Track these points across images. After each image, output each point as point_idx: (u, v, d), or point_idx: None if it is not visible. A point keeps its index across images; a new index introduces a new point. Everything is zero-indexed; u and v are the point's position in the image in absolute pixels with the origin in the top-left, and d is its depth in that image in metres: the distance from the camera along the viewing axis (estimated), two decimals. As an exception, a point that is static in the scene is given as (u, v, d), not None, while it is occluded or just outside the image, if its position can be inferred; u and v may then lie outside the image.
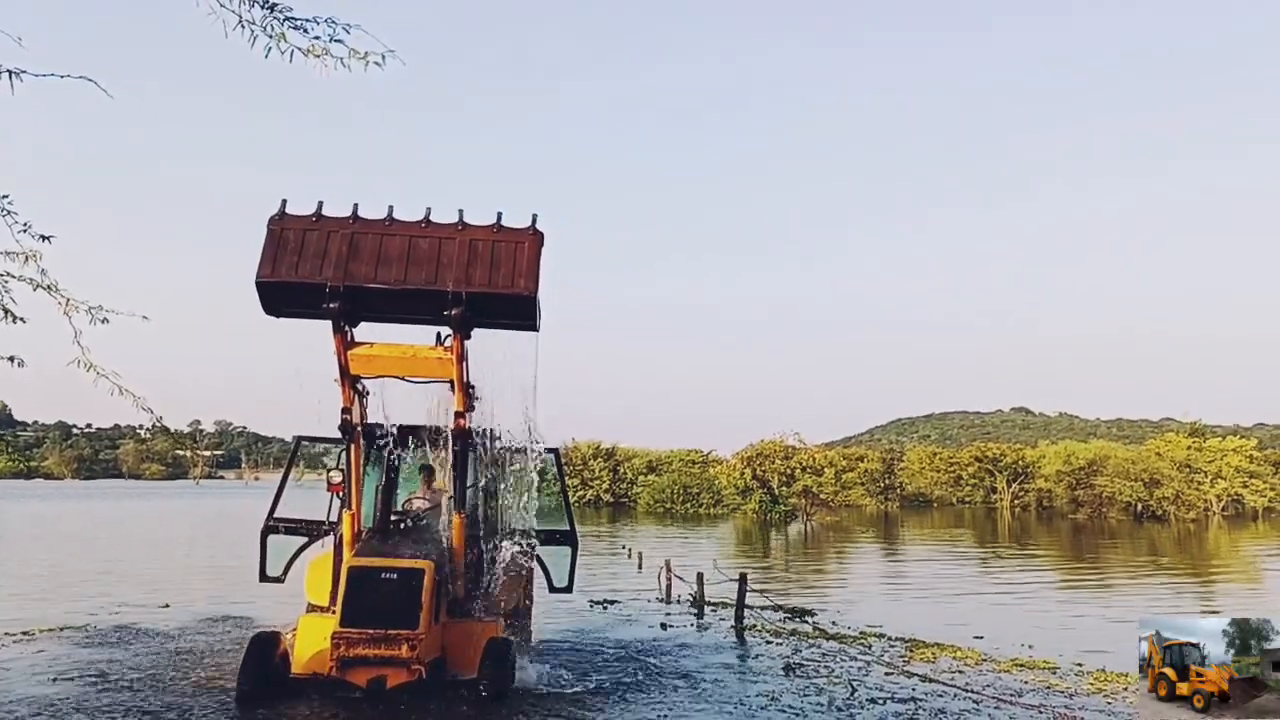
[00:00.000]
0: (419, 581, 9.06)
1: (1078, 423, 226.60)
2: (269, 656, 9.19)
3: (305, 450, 12.67)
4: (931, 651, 12.97)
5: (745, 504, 59.84)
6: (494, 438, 11.36)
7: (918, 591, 21.83)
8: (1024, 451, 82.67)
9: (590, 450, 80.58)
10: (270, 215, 8.53)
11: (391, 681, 8.84)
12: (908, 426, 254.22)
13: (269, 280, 8.34)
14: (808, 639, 13.83)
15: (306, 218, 8.53)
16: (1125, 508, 64.00)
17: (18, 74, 5.20)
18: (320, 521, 10.93)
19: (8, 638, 12.96)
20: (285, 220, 8.51)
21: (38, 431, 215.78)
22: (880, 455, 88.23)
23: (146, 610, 16.04)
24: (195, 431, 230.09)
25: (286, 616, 10.80)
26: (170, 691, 9.68)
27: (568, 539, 11.82)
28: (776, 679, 10.94)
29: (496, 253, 8.56)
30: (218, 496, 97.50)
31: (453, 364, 9.17)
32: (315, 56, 4.74)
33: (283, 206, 8.58)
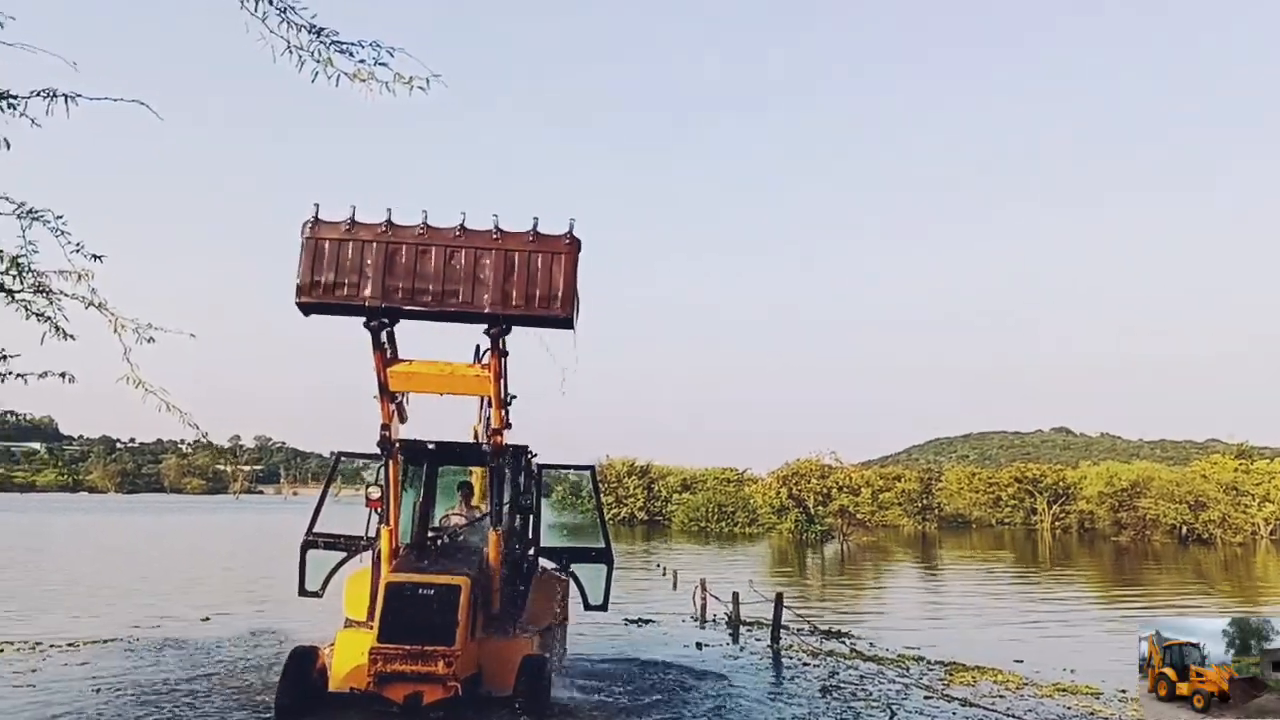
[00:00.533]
0: (456, 598, 9.10)
1: (1120, 443, 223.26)
2: (307, 671, 9.26)
3: (344, 466, 12.80)
4: (971, 675, 12.80)
5: (781, 523, 59.44)
6: (530, 454, 11.42)
7: (956, 613, 21.55)
8: (1065, 472, 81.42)
9: (625, 468, 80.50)
10: (304, 222, 8.44)
11: (428, 698, 8.87)
12: (946, 446, 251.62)
13: (308, 303, 8.38)
14: (845, 660, 13.70)
15: (340, 225, 8.41)
16: (1170, 530, 62.80)
17: (73, 98, 5.34)
18: (359, 537, 11.00)
19: (53, 649, 13.20)
20: (319, 229, 8.40)
21: (83, 445, 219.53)
22: (918, 475, 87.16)
23: (187, 623, 16.25)
24: (235, 447, 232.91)
25: (325, 631, 10.88)
26: (209, 704, 9.79)
27: (603, 556, 11.80)
28: (813, 701, 10.85)
29: (533, 265, 8.43)
30: (257, 511, 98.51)
31: (490, 381, 9.22)
32: (361, 80, 4.82)
33: (315, 213, 8.45)
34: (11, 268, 5.74)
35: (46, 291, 5.88)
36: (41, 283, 5.86)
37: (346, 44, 4.87)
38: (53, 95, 5.35)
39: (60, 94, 5.35)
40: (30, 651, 13.03)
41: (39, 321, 5.92)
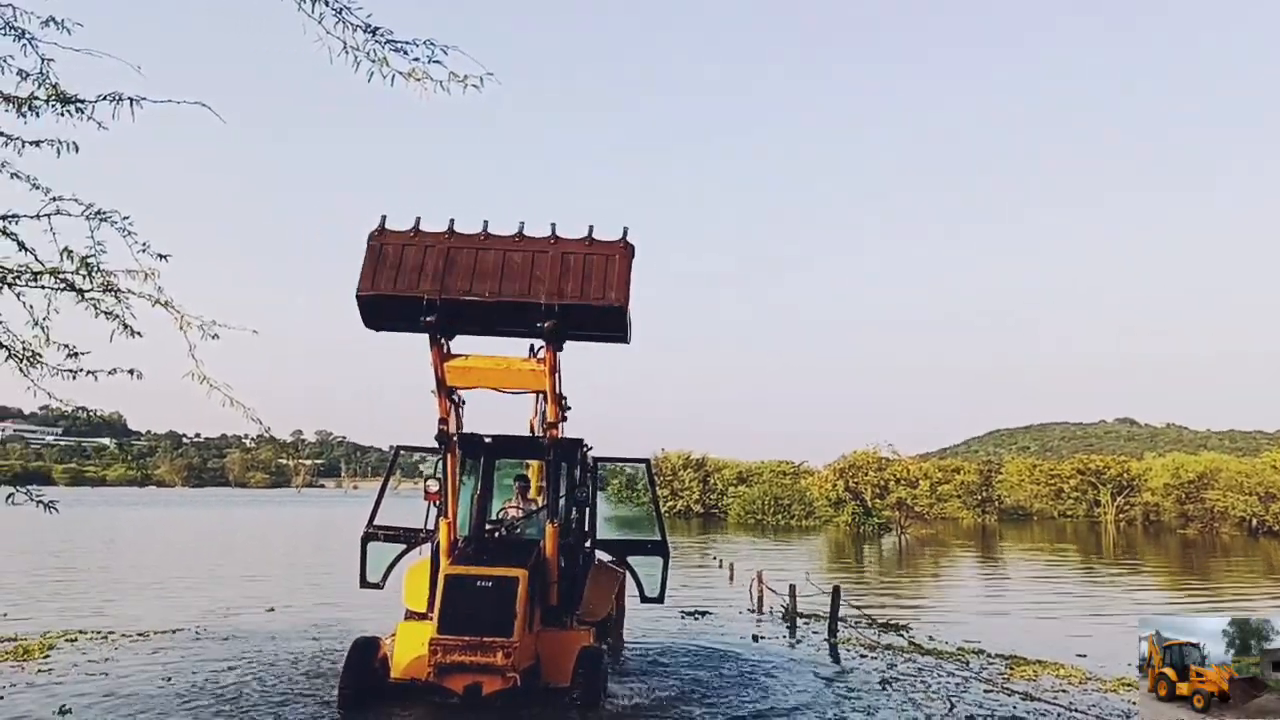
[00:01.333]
0: (514, 590, 9.21)
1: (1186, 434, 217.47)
2: (369, 661, 9.43)
3: (403, 459, 12.99)
4: (1033, 669, 12.60)
5: (838, 516, 59.02)
6: (586, 448, 11.49)
7: (1017, 607, 21.22)
8: (1129, 463, 79.60)
9: (680, 461, 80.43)
10: (370, 231, 8.80)
11: (487, 689, 8.97)
12: (1006, 438, 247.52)
13: (368, 294, 8.60)
14: (903, 654, 13.58)
15: (405, 233, 8.77)
16: (1239, 523, 61.13)
17: (138, 101, 5.47)
18: (418, 529, 11.17)
19: (124, 639, 13.57)
20: (385, 236, 8.77)
21: (150, 441, 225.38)
22: (977, 467, 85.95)
23: (253, 614, 16.61)
24: (297, 441, 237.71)
25: (386, 622, 11.05)
26: (274, 693, 10.02)
27: (659, 549, 11.86)
28: (873, 694, 10.77)
29: (588, 265, 8.68)
30: (319, 505, 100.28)
31: (545, 375, 9.30)
32: (415, 80, 4.86)
33: (382, 222, 8.83)
34: (81, 267, 5.91)
35: (115, 290, 6.04)
36: (110, 281, 6.01)
37: (401, 43, 4.92)
38: (119, 99, 5.49)
39: (126, 97, 5.49)
40: (103, 640, 13.42)
41: (108, 320, 6.08)
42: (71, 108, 5.59)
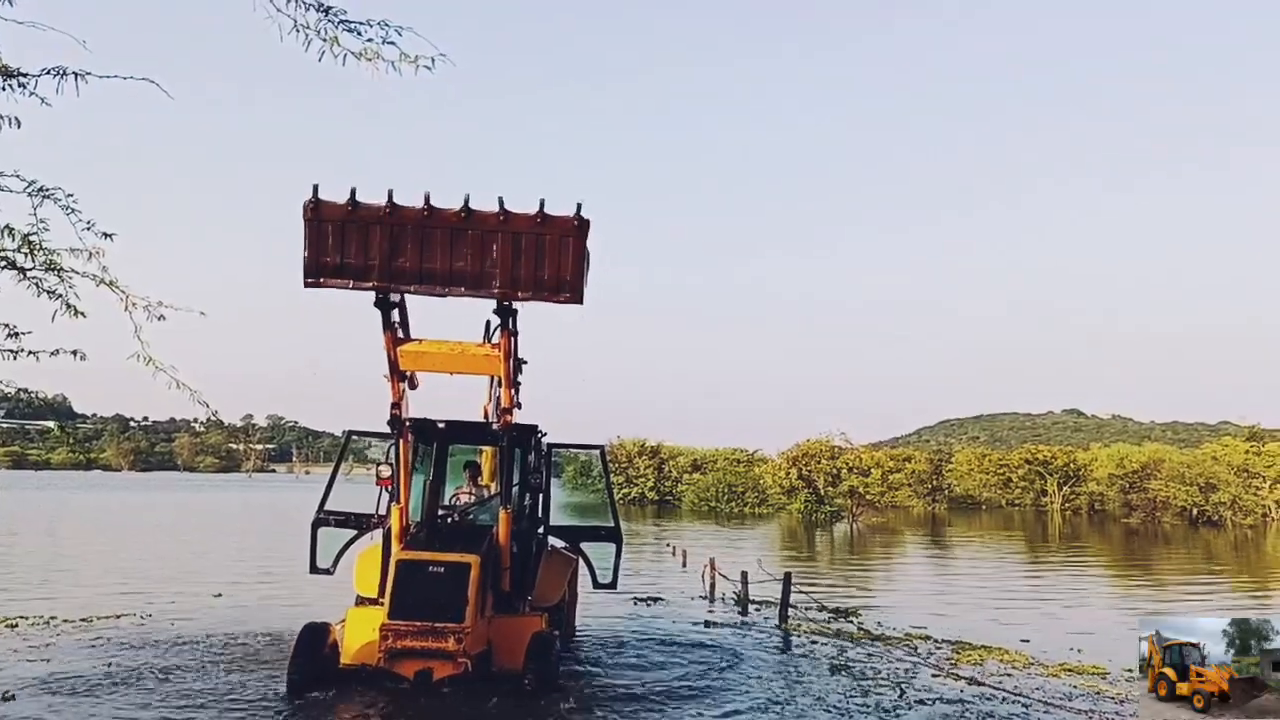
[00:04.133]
0: (466, 575, 9.18)
1: (1131, 425, 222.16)
2: (318, 647, 9.36)
3: (355, 445, 12.87)
4: (978, 654, 12.82)
5: (790, 504, 59.54)
6: (540, 434, 11.47)
7: (964, 594, 21.56)
8: (1076, 454, 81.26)
9: (635, 448, 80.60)
10: (304, 202, 8.04)
11: (438, 674, 8.95)
12: (956, 427, 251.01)
13: (314, 285, 8.18)
14: (853, 640, 13.75)
15: (342, 206, 8.02)
16: (1180, 512, 62.61)
17: (83, 76, 5.34)
18: (369, 515, 11.09)
19: (67, 624, 13.34)
20: (321, 209, 8.04)
21: (96, 424, 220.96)
22: (928, 456, 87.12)
23: (199, 600, 16.40)
24: (248, 425, 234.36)
25: (336, 608, 10.97)
26: (221, 680, 9.90)
27: (612, 535, 11.87)
28: (822, 679, 10.90)
29: (541, 247, 8.12)
30: (269, 490, 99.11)
31: (500, 360, 9.25)
32: (367, 60, 4.81)
33: (315, 192, 8.07)
34: (23, 245, 5.77)
35: (58, 269, 5.91)
36: (53, 260, 5.88)
37: (354, 23, 4.86)
38: (62, 73, 5.35)
39: (70, 72, 5.35)
40: (44, 626, 13.18)
41: (50, 299, 5.95)
42: (14, 82, 5.45)
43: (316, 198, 8.01)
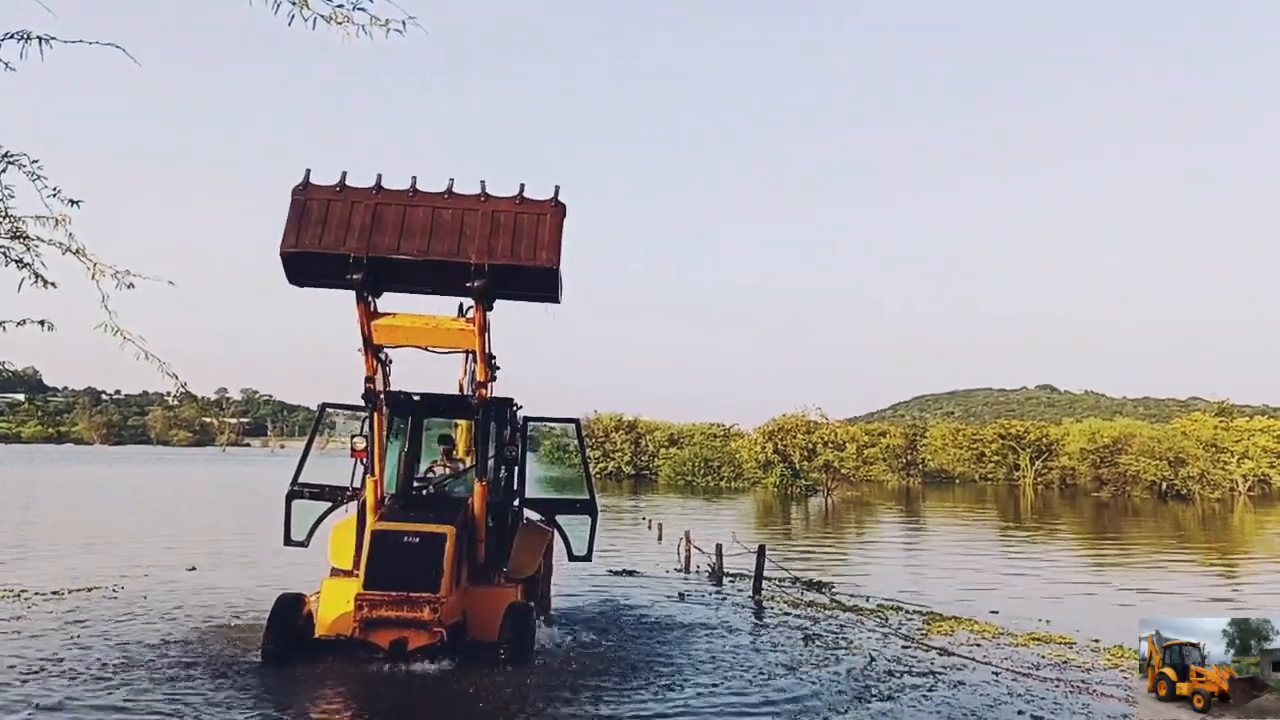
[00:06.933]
0: (441, 546, 9.20)
1: (1104, 401, 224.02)
2: (294, 618, 9.36)
3: (329, 418, 12.81)
4: (949, 625, 13.01)
5: (766, 478, 59.88)
6: (516, 407, 11.47)
7: (936, 566, 21.82)
8: (1048, 429, 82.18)
9: (613, 423, 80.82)
10: (294, 185, 8.56)
11: (413, 644, 8.98)
12: (931, 403, 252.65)
13: (293, 251, 8.39)
14: (825, 611, 13.89)
15: (330, 188, 8.54)
16: (1149, 486, 63.49)
17: (48, 40, 5.25)
18: (344, 487, 11.05)
19: (38, 597, 13.25)
20: (309, 191, 8.53)
21: (68, 397, 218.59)
22: (903, 431, 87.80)
23: (173, 572, 16.32)
24: (222, 399, 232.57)
25: (310, 580, 10.96)
26: (195, 652, 9.87)
27: (587, 508, 11.90)
28: (795, 649, 11.01)
29: (519, 224, 8.55)
30: (244, 463, 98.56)
31: (475, 335, 9.22)
32: (338, 24, 4.74)
33: (306, 176, 8.60)
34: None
35: (23, 237, 5.82)
36: (18, 228, 5.79)
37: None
38: (26, 38, 5.25)
39: (34, 36, 5.25)
40: (15, 599, 13.08)
41: (17, 269, 5.86)
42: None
43: (307, 181, 8.56)
